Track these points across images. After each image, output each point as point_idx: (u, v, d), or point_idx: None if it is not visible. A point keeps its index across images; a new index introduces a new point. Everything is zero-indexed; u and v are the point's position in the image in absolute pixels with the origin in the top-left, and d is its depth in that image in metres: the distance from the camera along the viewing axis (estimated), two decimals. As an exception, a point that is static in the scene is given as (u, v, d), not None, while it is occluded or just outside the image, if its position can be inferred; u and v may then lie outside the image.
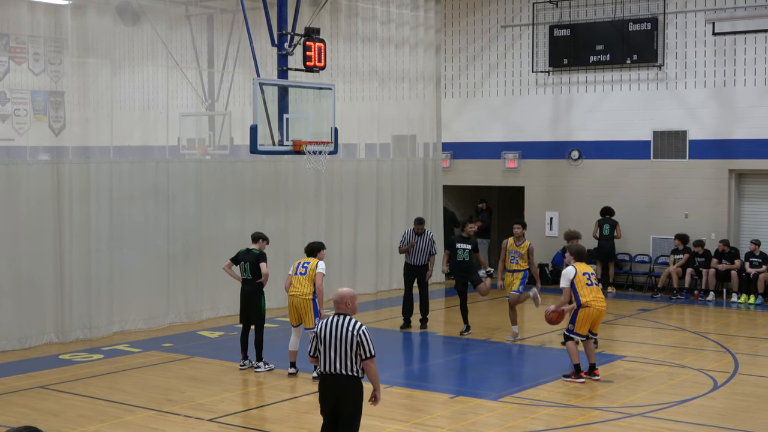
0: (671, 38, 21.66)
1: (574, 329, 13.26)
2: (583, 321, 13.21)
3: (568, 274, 13.32)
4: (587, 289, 13.22)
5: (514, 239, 16.06)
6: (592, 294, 13.23)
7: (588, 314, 13.20)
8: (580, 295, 13.20)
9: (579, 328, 13.24)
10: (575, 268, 13.33)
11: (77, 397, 12.45)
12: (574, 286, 13.22)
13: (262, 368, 13.87)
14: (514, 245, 15.99)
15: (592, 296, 13.22)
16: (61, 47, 16.51)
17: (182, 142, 19.76)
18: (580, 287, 13.21)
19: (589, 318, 13.22)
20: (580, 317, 13.21)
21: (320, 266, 13.47)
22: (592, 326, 13.38)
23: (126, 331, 16.79)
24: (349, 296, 8.61)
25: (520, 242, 15.99)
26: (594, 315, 13.25)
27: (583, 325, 13.23)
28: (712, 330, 17.69)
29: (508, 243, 16.08)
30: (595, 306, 13.21)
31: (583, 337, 13.31)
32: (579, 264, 13.41)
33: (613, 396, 12.55)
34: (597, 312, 13.27)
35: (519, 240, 16.02)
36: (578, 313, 13.22)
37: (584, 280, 13.24)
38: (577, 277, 13.23)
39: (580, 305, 13.20)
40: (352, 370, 8.41)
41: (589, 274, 13.34)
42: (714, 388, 12.92)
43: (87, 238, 16.18)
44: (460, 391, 12.96)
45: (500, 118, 23.95)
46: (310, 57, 15.80)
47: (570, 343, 13.31)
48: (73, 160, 16.19)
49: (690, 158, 21.48)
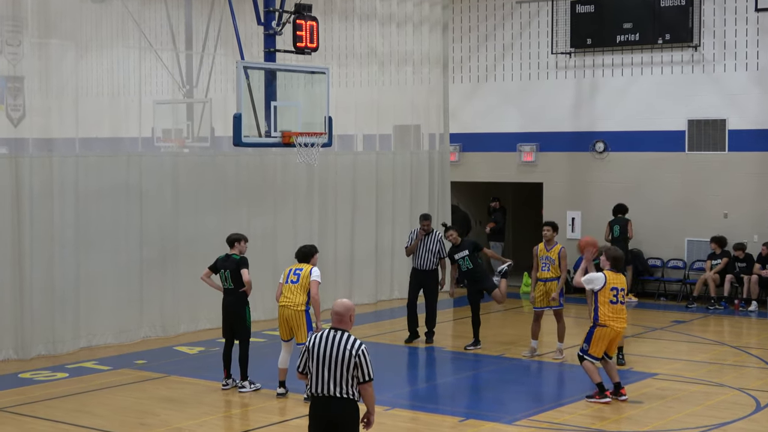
0: (708, 15, 21.68)
1: (589, 350, 13.26)
2: (599, 341, 13.19)
3: (596, 280, 13.20)
4: (610, 307, 13.15)
5: (544, 243, 16.04)
6: (615, 313, 13.18)
7: (604, 334, 13.18)
8: (600, 311, 13.16)
9: (594, 349, 13.22)
10: (606, 277, 13.21)
11: (40, 421, 12.47)
12: (597, 299, 13.17)
13: (248, 388, 13.89)
14: (545, 250, 15.97)
15: (614, 316, 13.17)
16: (20, 26, 16.52)
17: (157, 134, 19.79)
18: (603, 303, 13.15)
19: (605, 338, 13.20)
20: (596, 337, 13.18)
21: (315, 273, 13.48)
22: (609, 348, 13.37)
23: (94, 346, 16.81)
24: (352, 310, 8.60)
25: (550, 246, 15.94)
26: (611, 336, 13.24)
27: (599, 346, 13.22)
28: (755, 344, 17.71)
29: (538, 248, 16.07)
30: (613, 326, 13.19)
31: (598, 359, 13.32)
32: (612, 274, 13.25)
33: (643, 419, 12.58)
34: (614, 333, 13.26)
35: (549, 244, 15.96)
36: (594, 333, 13.20)
37: (610, 296, 13.13)
38: (604, 290, 13.15)
39: (597, 323, 13.17)
40: (347, 393, 8.39)
41: (617, 290, 13.18)
42: (756, 410, 12.94)
43: (49, 241, 16.20)
44: (470, 413, 12.98)
45: (515, 105, 23.98)
46: (301, 37, 15.83)
47: (586, 363, 13.33)
48: (33, 154, 16.20)
49: (730, 150, 21.51)
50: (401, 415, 12.80)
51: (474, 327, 16.83)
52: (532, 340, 16.19)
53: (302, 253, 13.77)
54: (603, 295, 13.13)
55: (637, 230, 22.10)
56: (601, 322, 13.14)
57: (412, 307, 17.38)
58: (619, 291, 13.21)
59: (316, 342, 8.49)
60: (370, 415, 8.57)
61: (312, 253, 13.77)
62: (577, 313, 19.35)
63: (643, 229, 22.24)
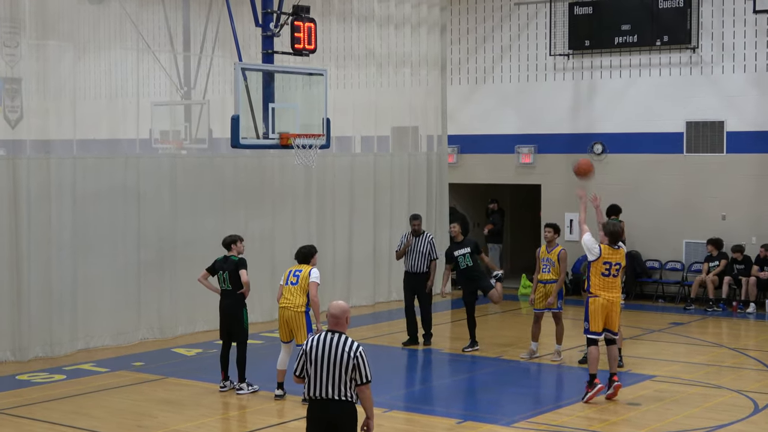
0: (707, 17, 21.70)
1: (590, 327, 13.44)
2: (595, 314, 13.38)
3: (592, 250, 13.40)
4: (601, 279, 13.39)
5: (545, 245, 16.06)
6: (606, 285, 13.40)
7: (598, 305, 13.37)
8: (591, 281, 13.43)
9: (593, 324, 13.40)
10: (601, 250, 13.43)
11: (37, 423, 12.46)
12: (590, 269, 13.44)
13: (245, 390, 13.89)
14: (546, 252, 15.98)
15: (605, 286, 13.39)
16: (18, 28, 16.52)
17: (155, 135, 19.78)
18: (595, 274, 13.41)
19: (599, 310, 13.38)
20: (591, 310, 13.40)
21: (314, 274, 13.48)
22: (609, 323, 13.47)
23: (91, 348, 16.81)
24: (348, 312, 8.60)
25: (551, 248, 15.96)
26: (605, 307, 13.41)
27: (597, 320, 13.39)
28: (753, 346, 17.72)
29: (540, 250, 16.10)
30: (604, 296, 13.38)
31: (600, 334, 13.42)
32: (608, 249, 13.47)
33: (641, 420, 12.58)
34: (608, 303, 13.41)
35: (550, 245, 15.97)
36: (588, 305, 13.43)
37: (602, 269, 13.38)
38: (597, 262, 13.38)
39: (589, 292, 13.43)
40: (345, 395, 8.39)
41: (611, 265, 13.41)
42: (755, 412, 12.95)
43: (47, 243, 16.19)
44: (467, 415, 12.97)
45: (513, 107, 23.99)
46: (299, 39, 15.85)
47: (593, 349, 13.43)
48: (31, 156, 16.20)
49: (728, 152, 21.52)
50: (398, 417, 12.80)
51: (470, 329, 16.83)
52: (532, 342, 16.19)
53: (302, 254, 13.74)
54: (596, 266, 13.40)
55: (635, 232, 22.12)
56: (592, 291, 13.39)
57: (409, 311, 17.34)
58: (613, 265, 13.43)
59: (313, 345, 8.48)
60: (369, 420, 8.55)
61: (312, 254, 13.75)
62: (575, 314, 19.33)
63: (641, 231, 22.25)
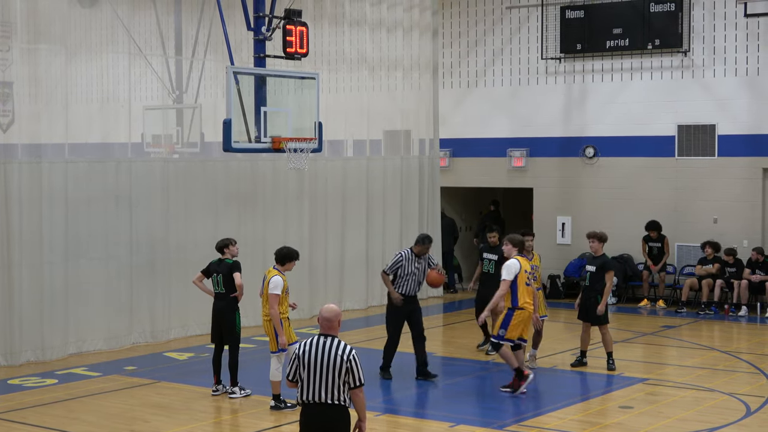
0: (698, 20, 21.74)
1: (506, 335, 13.61)
2: (517, 325, 13.60)
3: (511, 267, 13.62)
4: (525, 289, 13.61)
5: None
6: (528, 295, 13.65)
7: (522, 317, 13.59)
8: (518, 294, 13.59)
9: (511, 332, 13.62)
10: (519, 262, 13.66)
11: (29, 428, 12.44)
12: (515, 284, 13.58)
13: (238, 394, 13.87)
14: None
15: (528, 298, 13.64)
16: (9, 32, 16.50)
17: (147, 139, 19.76)
18: (521, 285, 13.61)
19: (523, 322, 13.62)
20: (515, 321, 13.57)
21: (272, 285, 13.00)
22: (523, 331, 13.77)
23: (84, 352, 16.78)
24: (340, 315, 8.60)
25: (530, 257, 15.86)
26: (527, 319, 13.68)
27: (516, 330, 13.62)
28: (745, 349, 17.75)
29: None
30: (528, 309, 13.66)
31: (513, 342, 13.65)
32: (521, 258, 13.80)
33: (633, 424, 12.60)
34: (529, 315, 13.71)
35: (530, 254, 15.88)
36: (513, 316, 13.58)
37: (524, 279, 13.62)
38: (520, 275, 13.59)
39: (516, 306, 13.57)
40: (338, 399, 8.38)
41: (529, 272, 13.74)
42: (747, 415, 12.97)
43: (39, 247, 16.17)
44: (460, 419, 12.97)
45: (505, 111, 24.01)
46: (291, 42, 15.84)
47: (504, 349, 13.65)
48: (22, 160, 16.18)
49: (719, 155, 21.55)
50: (391, 420, 12.80)
51: (483, 328, 16.60)
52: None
53: (278, 255, 13.28)
54: (520, 279, 13.60)
55: (627, 235, 22.17)
56: (520, 305, 13.58)
57: (395, 345, 15.18)
58: (530, 272, 13.82)
59: (306, 349, 8.47)
60: (361, 422, 8.56)
61: (289, 257, 13.24)
62: (567, 317, 19.36)
63: (633, 235, 22.26)
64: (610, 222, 22.05)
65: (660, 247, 21.84)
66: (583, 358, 15.78)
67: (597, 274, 15.48)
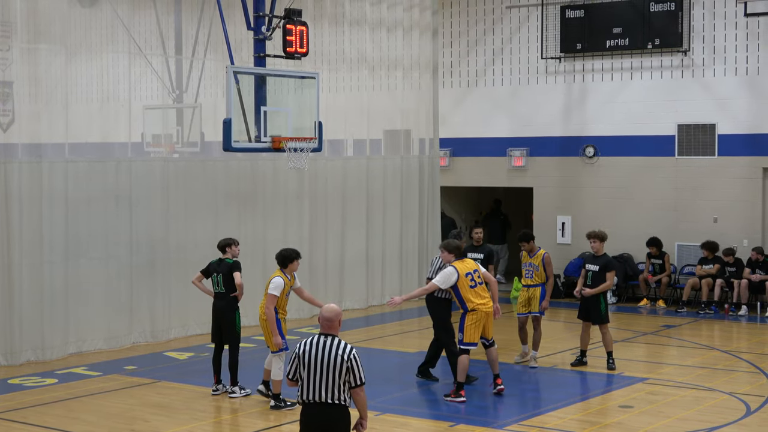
0: (698, 20, 21.74)
1: (464, 339, 13.53)
2: (473, 327, 13.49)
3: (448, 276, 13.49)
4: (471, 292, 13.49)
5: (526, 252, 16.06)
6: (478, 296, 13.51)
7: (476, 318, 13.48)
8: (465, 300, 13.48)
9: (469, 336, 13.51)
10: (456, 269, 13.52)
11: (29, 427, 12.44)
12: (458, 290, 13.48)
13: (238, 393, 13.87)
14: (528, 257, 15.97)
15: (479, 299, 13.51)
16: (9, 32, 16.50)
17: (147, 139, 19.76)
18: (464, 291, 13.48)
19: (478, 323, 13.50)
20: (468, 323, 13.48)
21: (272, 286, 13.08)
22: (485, 332, 13.66)
23: (83, 352, 16.78)
24: (340, 315, 8.61)
25: (533, 253, 15.96)
26: (483, 319, 13.54)
27: (474, 332, 13.52)
28: (745, 348, 17.75)
29: (522, 254, 16.13)
30: (482, 309, 13.51)
31: (474, 345, 13.57)
32: (460, 263, 13.63)
33: (633, 423, 12.59)
34: (485, 315, 13.56)
35: (531, 252, 15.96)
36: (465, 319, 13.50)
37: (467, 282, 13.48)
38: (460, 281, 13.46)
39: (467, 311, 13.48)
40: (339, 399, 8.38)
41: (471, 273, 13.55)
42: (747, 414, 12.97)
43: (39, 247, 16.17)
44: (460, 418, 12.98)
45: (505, 110, 24.01)
46: (291, 42, 15.85)
47: (463, 357, 13.57)
48: (22, 159, 16.18)
49: (719, 155, 21.55)
50: (392, 420, 12.79)
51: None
52: (523, 345, 16.20)
53: (279, 257, 13.33)
54: (462, 285, 13.47)
55: (627, 235, 22.17)
56: (470, 308, 13.47)
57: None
58: (473, 272, 13.58)
59: (306, 348, 8.47)
60: (362, 420, 8.56)
61: (290, 258, 13.28)
62: (567, 317, 19.36)
63: (633, 234, 22.27)
64: (610, 222, 22.04)
65: (661, 264, 21.76)
66: (583, 358, 15.81)
67: (599, 274, 15.50)
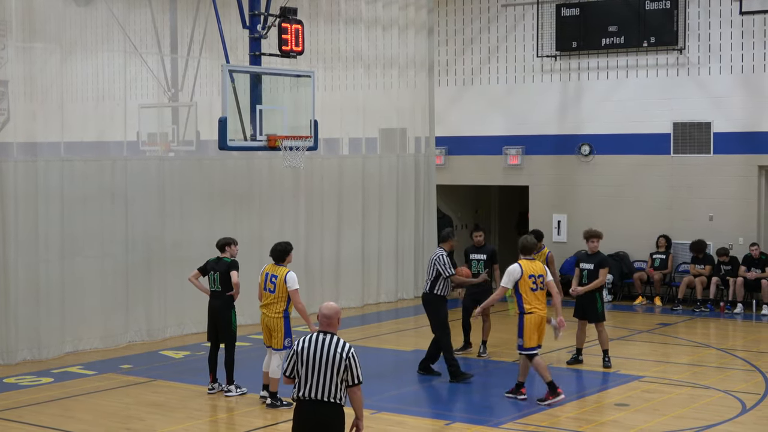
0: (693, 18, 21.75)
1: (525, 344, 13.39)
2: (531, 330, 13.37)
3: (513, 273, 13.39)
4: (532, 294, 13.38)
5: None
6: (537, 300, 13.41)
7: (533, 321, 13.37)
8: (524, 300, 13.36)
9: (529, 340, 13.38)
10: (521, 267, 13.40)
11: (25, 426, 12.44)
12: (518, 290, 13.36)
13: (234, 392, 13.88)
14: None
15: (536, 303, 13.40)
16: (4, 30, 16.49)
17: (142, 138, 19.78)
18: (525, 292, 13.36)
19: (535, 325, 13.38)
20: (527, 327, 13.36)
21: (290, 281, 13.14)
22: (539, 337, 13.54)
23: (79, 351, 16.77)
24: (339, 313, 8.61)
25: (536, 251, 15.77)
26: (538, 322, 13.43)
27: (532, 336, 13.39)
28: (740, 346, 17.77)
29: None
30: (538, 313, 13.41)
31: (536, 348, 13.41)
32: (526, 262, 13.50)
33: (629, 421, 12.61)
34: (540, 319, 13.46)
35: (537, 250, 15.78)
36: (524, 323, 13.37)
37: (529, 284, 13.36)
38: (523, 279, 13.34)
39: (524, 312, 13.36)
40: (334, 397, 8.38)
41: (535, 277, 13.43)
42: (742, 412, 12.99)
43: (34, 246, 16.16)
44: (456, 416, 12.99)
45: (501, 108, 24.01)
46: (287, 40, 15.86)
47: (537, 360, 13.44)
48: (18, 158, 16.17)
49: (715, 153, 21.57)
50: (387, 418, 12.80)
51: (465, 331, 16.80)
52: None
53: (277, 251, 13.36)
54: (523, 285, 13.32)
55: (622, 233, 22.19)
56: (527, 310, 13.32)
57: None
58: (537, 277, 13.43)
59: (304, 345, 8.47)
60: (358, 420, 8.56)
61: (287, 251, 13.38)
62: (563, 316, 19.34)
63: (629, 232, 22.30)
64: (605, 220, 22.05)
65: (664, 260, 21.77)
66: (578, 356, 15.83)
67: (595, 272, 15.51)
